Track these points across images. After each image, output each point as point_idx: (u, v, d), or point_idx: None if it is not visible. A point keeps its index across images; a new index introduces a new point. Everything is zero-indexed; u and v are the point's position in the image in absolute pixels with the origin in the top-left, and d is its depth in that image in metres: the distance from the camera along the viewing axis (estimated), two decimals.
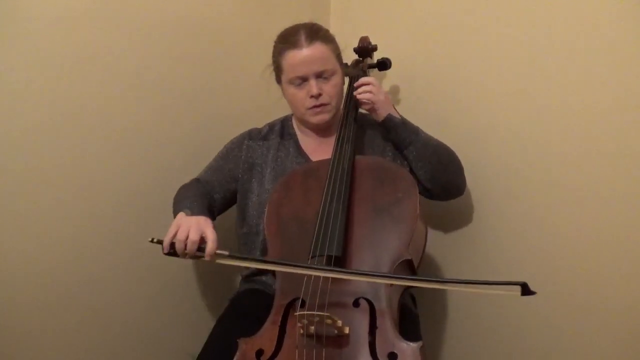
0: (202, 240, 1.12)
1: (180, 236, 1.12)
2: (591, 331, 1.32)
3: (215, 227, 1.16)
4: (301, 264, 1.10)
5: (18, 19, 1.26)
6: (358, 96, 1.38)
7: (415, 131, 1.37)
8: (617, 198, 1.27)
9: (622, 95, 1.25)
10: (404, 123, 1.37)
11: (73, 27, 1.34)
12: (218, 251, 1.11)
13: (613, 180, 1.27)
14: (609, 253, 1.28)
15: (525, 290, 0.94)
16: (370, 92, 1.37)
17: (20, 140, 1.28)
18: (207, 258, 1.11)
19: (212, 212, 1.36)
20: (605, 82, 1.27)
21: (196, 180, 1.42)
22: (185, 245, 1.12)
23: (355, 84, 1.41)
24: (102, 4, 1.38)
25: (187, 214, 1.19)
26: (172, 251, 1.14)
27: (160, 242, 1.14)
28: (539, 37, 1.38)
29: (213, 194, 1.40)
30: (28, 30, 1.28)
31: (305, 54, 1.32)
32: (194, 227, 1.13)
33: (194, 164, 1.54)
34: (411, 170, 1.38)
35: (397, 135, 1.37)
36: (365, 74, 1.53)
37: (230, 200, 1.44)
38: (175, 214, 1.25)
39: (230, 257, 1.12)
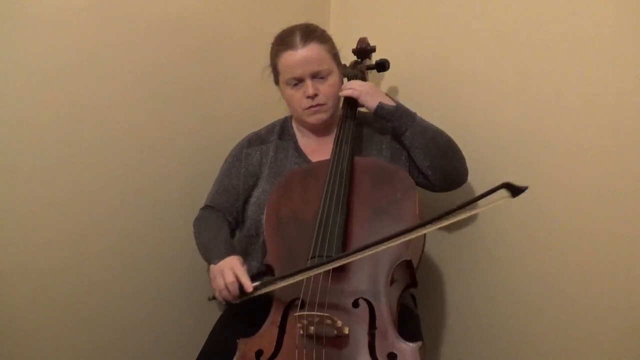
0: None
1: (219, 286, 1.18)
2: (591, 331, 1.32)
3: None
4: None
5: (18, 20, 1.26)
6: (340, 94, 1.39)
7: (411, 117, 1.34)
8: (619, 197, 1.26)
9: (623, 95, 1.24)
10: (397, 109, 1.34)
11: (73, 27, 1.34)
12: (253, 284, 1.16)
13: (615, 179, 1.27)
14: (610, 252, 1.27)
15: (513, 189, 0.89)
16: (351, 88, 1.38)
17: (22, 141, 1.29)
18: (249, 290, 1.15)
19: (234, 235, 1.42)
20: (607, 81, 1.26)
21: (207, 208, 1.43)
22: (229, 290, 1.17)
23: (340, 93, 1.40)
24: (102, 5, 1.38)
25: (216, 264, 1.23)
26: (227, 300, 1.20)
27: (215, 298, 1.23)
28: (538, 37, 1.38)
29: (227, 216, 1.41)
30: (29, 31, 1.28)
31: (300, 55, 1.31)
32: (226, 271, 1.18)
33: (195, 163, 1.55)
34: (411, 163, 1.37)
35: (393, 123, 1.35)
36: (363, 75, 1.53)
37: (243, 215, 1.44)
38: (205, 258, 1.32)
39: (265, 283, 1.14)
